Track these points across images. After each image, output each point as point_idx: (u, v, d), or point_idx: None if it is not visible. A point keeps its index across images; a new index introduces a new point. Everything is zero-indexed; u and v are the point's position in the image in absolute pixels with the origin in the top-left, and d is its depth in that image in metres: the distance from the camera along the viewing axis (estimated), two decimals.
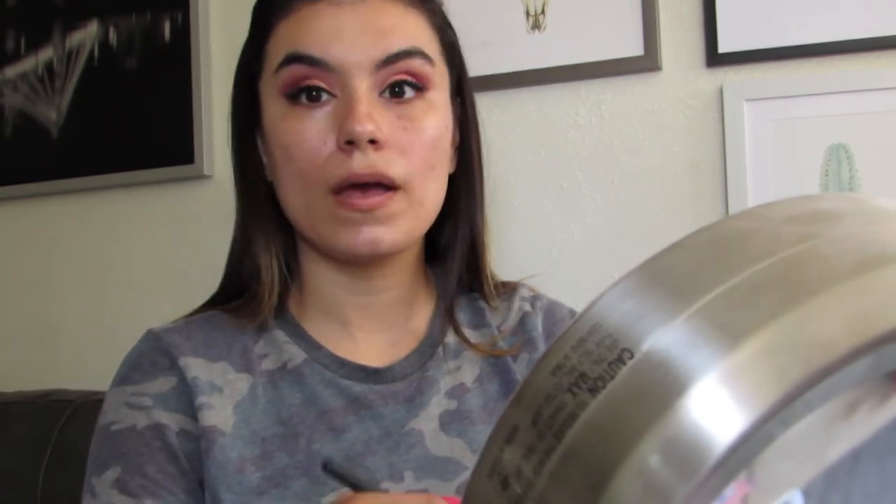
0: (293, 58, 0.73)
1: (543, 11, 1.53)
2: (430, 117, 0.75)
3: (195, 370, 0.75)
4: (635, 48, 1.47)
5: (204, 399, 0.74)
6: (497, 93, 1.53)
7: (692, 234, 0.26)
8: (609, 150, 1.51)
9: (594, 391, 0.24)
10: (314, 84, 0.73)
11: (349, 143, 0.71)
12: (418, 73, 0.74)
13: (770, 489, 0.24)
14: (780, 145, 1.40)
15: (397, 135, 0.73)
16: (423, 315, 0.84)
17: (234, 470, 0.72)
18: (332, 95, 0.73)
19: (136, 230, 1.84)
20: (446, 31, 0.80)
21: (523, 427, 0.25)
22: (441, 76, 0.77)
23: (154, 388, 0.75)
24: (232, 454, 0.72)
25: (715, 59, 1.43)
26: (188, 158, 1.76)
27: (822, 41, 1.38)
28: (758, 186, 1.41)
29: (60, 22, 1.89)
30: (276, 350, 0.78)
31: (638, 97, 1.50)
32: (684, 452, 0.21)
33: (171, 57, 1.78)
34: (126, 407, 0.75)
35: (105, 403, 0.77)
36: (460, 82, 0.82)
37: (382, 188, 0.72)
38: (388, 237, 0.73)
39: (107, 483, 0.72)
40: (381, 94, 0.73)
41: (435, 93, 0.76)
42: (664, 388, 0.22)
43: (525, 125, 1.55)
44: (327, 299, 0.80)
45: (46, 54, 1.90)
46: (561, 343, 0.25)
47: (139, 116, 1.82)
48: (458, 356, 0.82)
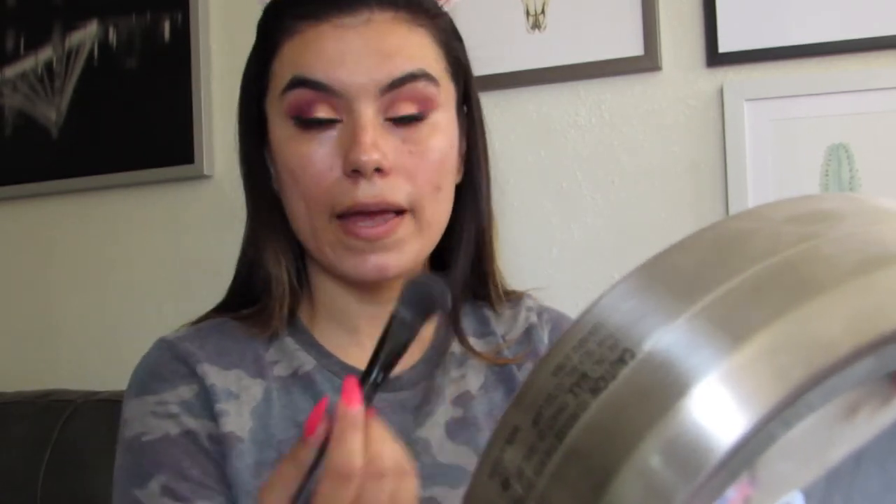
0: (298, 81, 0.73)
1: (543, 11, 1.53)
2: (435, 139, 0.75)
3: (212, 377, 0.75)
4: (635, 48, 1.47)
5: (221, 406, 0.74)
6: (497, 93, 1.53)
7: (693, 234, 0.26)
8: (609, 150, 1.51)
9: (595, 392, 0.24)
10: (320, 108, 0.73)
11: (355, 171, 0.71)
12: (423, 96, 0.74)
13: (772, 490, 0.24)
14: (780, 145, 1.40)
15: (403, 159, 0.73)
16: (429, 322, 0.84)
17: (251, 475, 0.72)
18: (338, 119, 0.73)
19: (136, 230, 1.84)
20: (452, 44, 0.79)
21: (524, 427, 0.25)
22: (447, 94, 0.77)
23: (177, 397, 0.75)
24: (249, 460, 0.73)
25: (715, 58, 1.43)
26: (188, 158, 1.76)
27: (822, 41, 1.38)
28: (758, 186, 1.41)
29: (60, 22, 1.89)
30: (287, 357, 0.79)
31: (638, 97, 1.49)
32: (686, 453, 0.21)
33: (170, 57, 1.78)
34: (153, 417, 0.74)
35: (126, 415, 0.76)
36: (467, 91, 0.82)
37: (390, 213, 0.73)
38: (395, 263, 0.74)
39: (154, 493, 0.71)
40: (386, 119, 0.73)
41: (440, 113, 0.75)
42: (665, 388, 0.22)
43: (525, 125, 1.55)
44: (336, 309, 0.81)
45: (46, 54, 1.90)
46: (562, 343, 0.25)
47: (139, 116, 1.82)
48: (463, 364, 0.83)
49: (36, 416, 1.59)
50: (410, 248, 0.75)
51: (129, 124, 1.83)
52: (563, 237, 1.53)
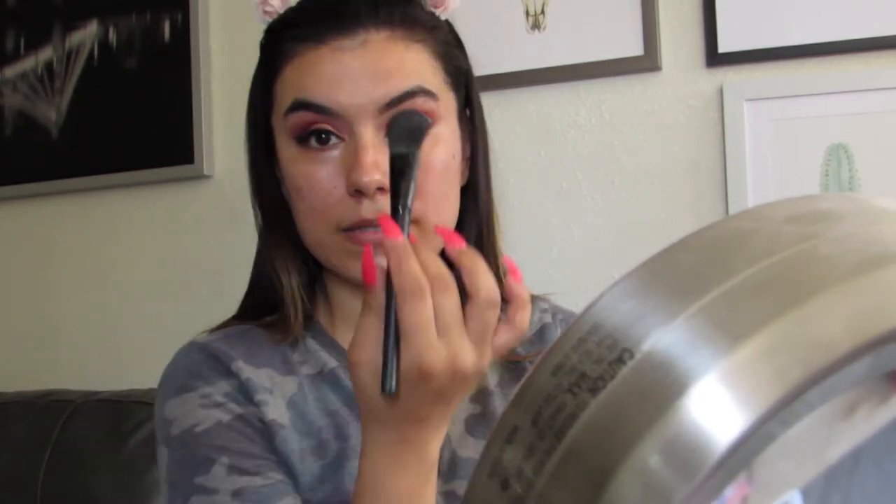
0: (299, 104, 0.75)
1: (543, 11, 1.53)
2: (436, 152, 0.76)
3: (247, 373, 0.77)
4: (635, 48, 1.48)
5: (260, 396, 0.77)
6: (497, 93, 1.53)
7: (692, 234, 0.26)
8: (609, 150, 1.51)
9: (594, 391, 0.24)
10: (322, 128, 0.75)
11: (358, 191, 0.73)
12: (423, 110, 0.75)
13: (770, 489, 0.24)
14: (780, 145, 1.40)
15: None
16: None
17: (297, 460, 0.75)
18: (339, 138, 0.75)
19: (136, 230, 1.84)
20: (452, 53, 0.80)
21: (524, 427, 0.25)
22: (447, 105, 0.78)
23: (218, 390, 0.77)
24: (293, 446, 0.75)
25: (715, 59, 1.43)
26: (188, 158, 1.76)
27: (822, 41, 1.38)
28: (758, 186, 1.41)
29: (60, 22, 1.89)
30: (312, 357, 0.81)
31: (638, 97, 1.50)
32: (684, 453, 0.21)
33: (171, 57, 1.78)
34: (201, 408, 0.76)
35: (168, 415, 0.77)
36: (468, 95, 0.83)
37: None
38: None
39: (221, 475, 0.72)
40: (386, 135, 0.74)
41: (440, 126, 0.77)
42: (664, 388, 0.22)
43: (525, 125, 1.55)
44: (350, 310, 0.83)
45: (46, 54, 1.90)
46: (561, 343, 0.25)
47: (139, 116, 1.82)
48: None
49: (36, 416, 1.59)
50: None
51: (129, 124, 1.83)
52: (563, 237, 1.53)
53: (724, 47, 1.42)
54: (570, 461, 0.23)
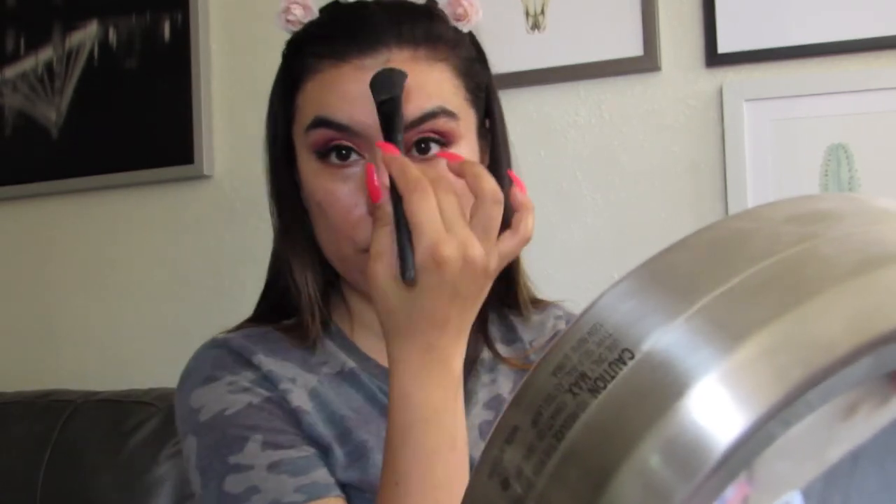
0: (321, 122, 0.75)
1: (543, 11, 1.53)
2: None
3: (269, 365, 0.79)
4: (635, 48, 1.48)
5: (284, 386, 0.78)
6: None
7: (692, 234, 0.26)
8: (609, 150, 1.51)
9: (594, 391, 0.24)
10: (343, 144, 0.75)
11: None
12: (442, 132, 0.75)
13: (770, 490, 0.24)
14: (780, 145, 1.40)
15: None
16: None
17: (322, 445, 0.76)
18: (360, 155, 0.75)
19: (136, 230, 1.84)
20: (474, 69, 0.80)
21: (523, 427, 0.25)
22: (467, 123, 0.78)
23: (244, 378, 0.78)
24: (319, 430, 0.76)
25: (714, 59, 1.44)
26: (188, 158, 1.76)
27: (822, 41, 1.38)
28: (757, 186, 1.41)
29: (60, 22, 1.89)
30: (332, 358, 0.82)
31: (638, 97, 1.50)
32: (684, 453, 0.21)
33: (171, 57, 1.78)
34: (229, 394, 0.77)
35: (194, 404, 0.77)
36: (489, 107, 0.83)
37: None
38: None
39: (255, 451, 0.73)
40: (408, 153, 0.75)
41: (460, 144, 0.77)
42: (664, 388, 0.22)
43: (525, 125, 1.55)
44: (367, 315, 0.84)
45: (46, 54, 1.90)
46: (561, 343, 0.25)
47: (139, 116, 1.82)
48: (493, 370, 0.86)
49: (36, 416, 1.59)
50: None
51: (129, 124, 1.83)
52: (563, 237, 1.53)
53: (723, 47, 1.42)
54: (570, 461, 0.23)
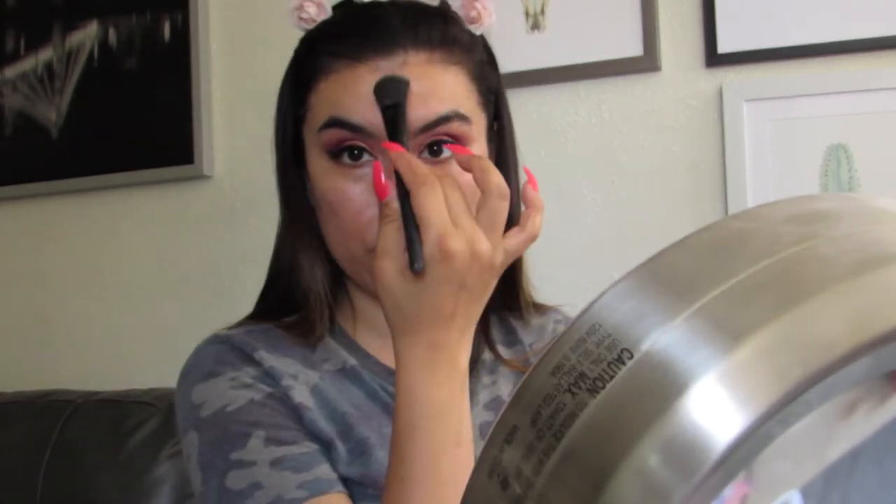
0: (335, 122, 0.75)
1: (543, 11, 1.53)
2: (466, 174, 0.76)
3: (270, 362, 0.79)
4: (635, 48, 1.48)
5: (286, 382, 0.78)
6: None
7: (692, 234, 0.26)
8: (609, 150, 1.51)
9: (593, 391, 0.24)
10: (356, 145, 0.75)
11: None
12: (455, 135, 0.76)
13: (769, 489, 0.24)
14: (780, 145, 1.40)
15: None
16: None
17: (324, 441, 0.76)
18: (372, 156, 0.75)
19: (136, 230, 1.84)
20: (486, 74, 0.80)
21: (523, 427, 0.25)
22: (478, 126, 0.78)
23: (246, 374, 0.78)
24: (321, 426, 0.76)
25: (714, 59, 1.44)
26: (188, 158, 1.76)
27: (822, 41, 1.38)
28: (757, 186, 1.41)
29: (60, 22, 1.89)
30: (333, 355, 0.82)
31: (638, 97, 1.50)
32: (683, 452, 0.21)
33: (171, 57, 1.78)
34: (231, 390, 0.76)
35: (196, 400, 0.77)
36: (497, 111, 0.83)
37: None
38: None
39: (258, 447, 0.72)
40: (419, 154, 0.75)
41: (471, 147, 0.77)
42: (663, 388, 0.22)
43: (525, 125, 1.55)
44: (370, 314, 0.84)
45: (46, 54, 1.90)
46: (560, 343, 0.25)
47: (139, 116, 1.82)
48: (494, 371, 0.87)
49: (36, 416, 1.59)
50: None
51: (129, 124, 1.83)
52: (563, 237, 1.53)
53: (723, 47, 1.42)
54: (570, 461, 0.23)
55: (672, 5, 1.47)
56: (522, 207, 0.86)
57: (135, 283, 1.84)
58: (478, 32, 0.81)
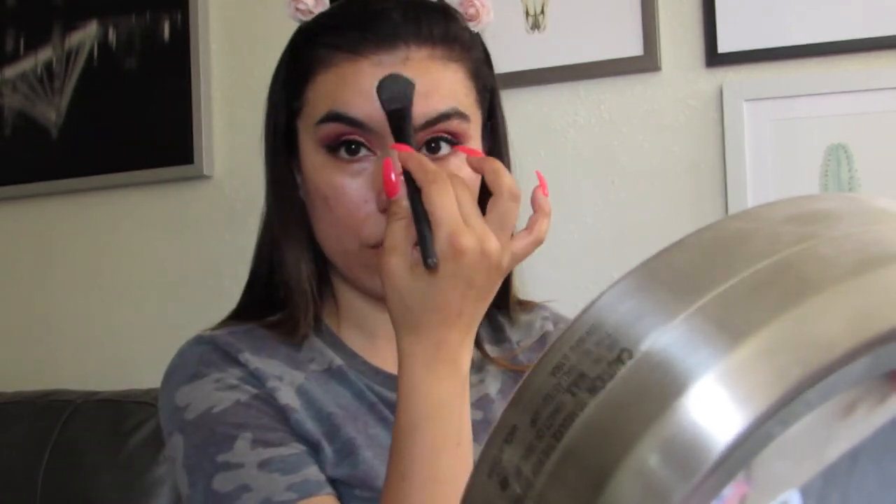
0: (334, 116, 0.74)
1: (543, 11, 1.53)
2: (463, 171, 0.76)
3: (255, 363, 0.78)
4: (635, 48, 1.48)
5: (271, 384, 0.77)
6: None
7: (692, 234, 0.26)
8: (609, 150, 1.51)
9: (593, 391, 0.24)
10: (354, 139, 0.75)
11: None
12: (454, 133, 0.75)
13: (768, 489, 0.24)
14: (780, 145, 1.40)
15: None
16: None
17: (311, 443, 0.75)
18: (371, 151, 0.75)
19: (136, 230, 1.84)
20: (483, 72, 0.80)
21: (522, 427, 0.25)
22: (475, 124, 0.79)
23: (231, 375, 0.77)
24: (308, 427, 0.76)
25: (714, 59, 1.44)
26: (188, 158, 1.76)
27: (822, 41, 1.38)
28: (757, 186, 1.41)
29: (60, 22, 1.89)
30: (319, 355, 0.81)
31: (638, 97, 1.50)
32: (683, 452, 0.21)
33: (170, 57, 1.78)
34: (216, 391, 0.75)
35: (180, 402, 0.76)
36: (492, 108, 0.83)
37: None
38: None
39: (244, 449, 0.72)
40: (418, 151, 0.74)
41: (469, 145, 0.77)
42: (663, 388, 0.22)
43: (525, 125, 1.55)
44: (358, 315, 0.84)
45: (46, 54, 1.90)
46: (560, 343, 0.25)
47: (139, 116, 1.82)
48: (482, 370, 0.86)
49: (36, 416, 1.59)
50: None
51: (129, 124, 1.83)
52: (563, 237, 1.53)
53: (723, 47, 1.42)
54: (569, 461, 0.23)
55: (672, 5, 1.47)
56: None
57: (135, 283, 1.84)
58: (475, 30, 0.81)
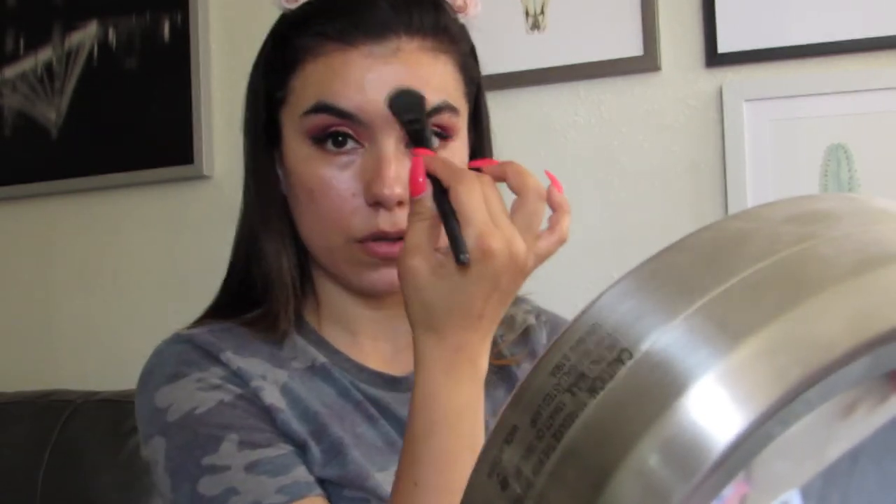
0: (322, 107, 0.73)
1: (543, 11, 1.53)
2: None
3: (238, 363, 0.75)
4: (635, 48, 1.48)
5: (255, 383, 0.75)
6: (497, 93, 1.53)
7: (692, 234, 0.26)
8: (609, 151, 1.51)
9: (593, 391, 0.24)
10: (342, 131, 0.73)
11: (377, 202, 0.72)
12: (445, 126, 0.74)
13: (768, 489, 0.24)
14: (780, 145, 1.40)
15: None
16: None
17: (298, 443, 0.73)
18: (358, 144, 0.74)
19: (136, 230, 1.84)
20: (470, 66, 0.80)
21: (522, 427, 0.25)
22: (463, 119, 0.78)
23: (213, 374, 0.75)
24: (294, 427, 0.74)
25: (714, 59, 1.44)
26: (188, 158, 1.76)
27: (822, 41, 1.38)
28: (757, 186, 1.41)
29: (60, 22, 1.89)
30: (301, 353, 0.80)
31: (637, 97, 1.50)
32: (683, 452, 0.21)
33: (170, 57, 1.78)
34: (199, 391, 0.73)
35: (161, 404, 0.74)
36: (477, 103, 0.82)
37: None
38: None
39: (231, 451, 0.70)
40: (406, 145, 0.73)
41: (456, 140, 0.76)
42: (663, 388, 0.23)
43: (525, 125, 1.55)
44: (340, 312, 0.82)
45: (46, 54, 1.90)
46: (560, 343, 0.25)
47: (139, 116, 1.82)
48: None
49: (36, 416, 1.59)
50: None
51: (129, 124, 1.83)
52: None
53: (723, 47, 1.42)
54: (569, 461, 0.23)
55: (672, 5, 1.47)
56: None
57: (135, 283, 1.84)
58: (463, 21, 0.80)
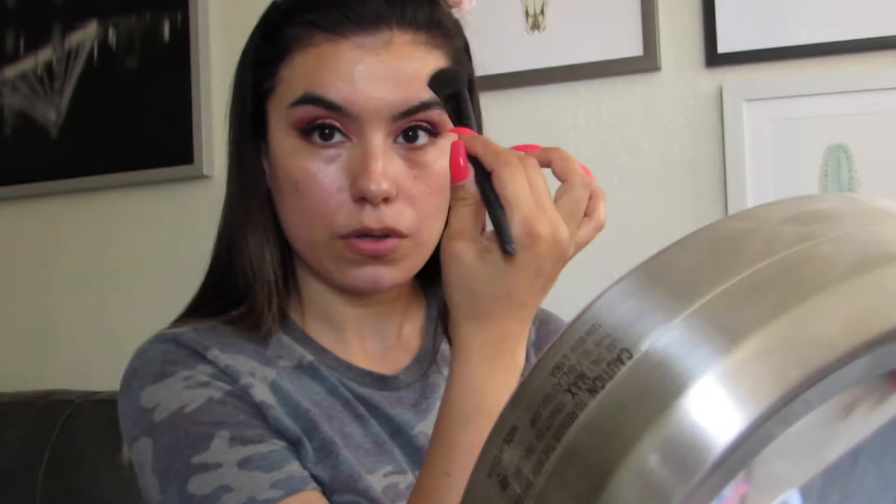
0: (311, 98, 0.71)
1: (543, 11, 1.53)
2: (440, 162, 0.74)
3: (225, 360, 0.74)
4: (635, 48, 1.48)
5: (244, 380, 0.73)
6: (496, 93, 1.53)
7: (691, 234, 0.26)
8: (609, 151, 1.51)
9: (593, 391, 0.24)
10: (329, 123, 0.72)
11: (363, 197, 0.71)
12: (434, 122, 0.73)
13: (768, 489, 0.24)
14: (780, 145, 1.40)
15: (408, 185, 0.73)
16: (414, 322, 0.86)
17: (292, 439, 0.72)
18: (346, 137, 0.72)
19: (136, 230, 1.84)
20: (463, 61, 0.78)
21: (522, 427, 0.25)
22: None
23: (200, 372, 0.73)
24: (286, 424, 0.72)
25: (714, 59, 1.43)
26: (187, 159, 1.76)
27: (821, 41, 1.38)
28: (757, 187, 1.41)
29: (60, 22, 1.89)
30: (287, 351, 0.78)
31: (637, 97, 1.50)
32: (683, 452, 0.21)
33: (170, 57, 1.78)
34: (187, 390, 0.71)
35: (147, 404, 0.72)
36: (471, 98, 0.81)
37: (392, 236, 0.73)
38: (390, 276, 0.74)
39: (222, 448, 0.68)
40: (395, 140, 0.73)
41: (448, 137, 0.74)
42: (663, 388, 0.23)
43: (524, 125, 1.55)
44: (325, 309, 0.81)
45: (46, 54, 1.90)
46: (560, 343, 0.25)
47: (139, 116, 1.82)
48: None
49: (36, 416, 1.59)
50: (406, 265, 0.75)
51: (129, 124, 1.83)
52: None
53: (723, 47, 1.42)
54: (569, 461, 0.23)
55: (672, 5, 1.47)
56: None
57: (135, 283, 1.84)
58: (457, 17, 0.79)
